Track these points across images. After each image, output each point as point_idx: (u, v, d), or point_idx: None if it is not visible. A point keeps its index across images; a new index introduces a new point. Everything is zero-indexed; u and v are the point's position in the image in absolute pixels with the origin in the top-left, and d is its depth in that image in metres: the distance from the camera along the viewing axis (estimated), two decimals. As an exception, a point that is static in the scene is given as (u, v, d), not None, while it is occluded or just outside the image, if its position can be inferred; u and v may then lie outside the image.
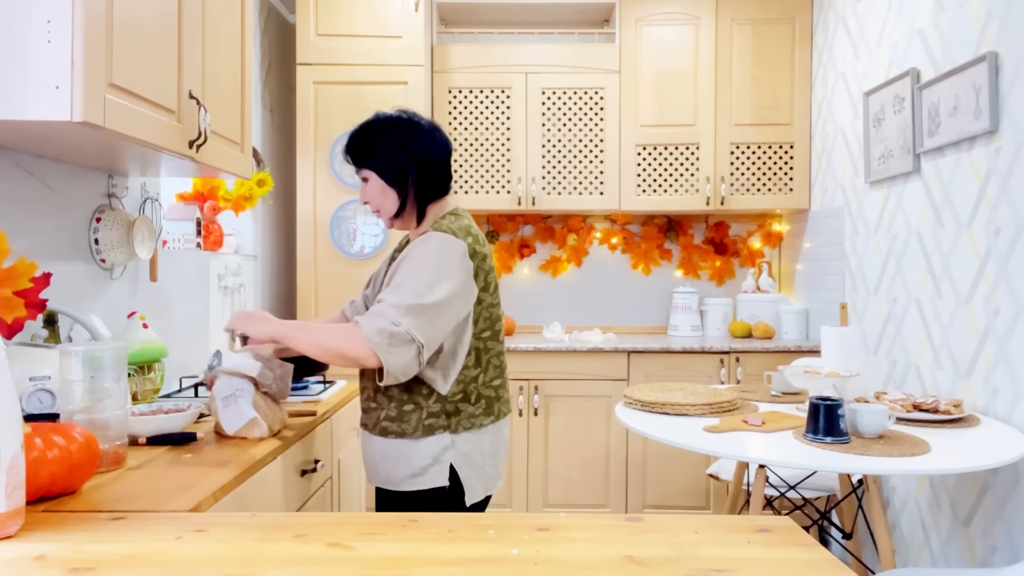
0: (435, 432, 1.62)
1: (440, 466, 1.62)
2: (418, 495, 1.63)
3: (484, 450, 1.68)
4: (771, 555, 0.99)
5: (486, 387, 1.68)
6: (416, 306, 1.51)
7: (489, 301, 1.68)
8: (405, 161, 1.68)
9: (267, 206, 3.39)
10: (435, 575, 0.91)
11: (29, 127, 1.38)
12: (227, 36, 2.04)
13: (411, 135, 1.69)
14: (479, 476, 1.67)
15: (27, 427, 1.15)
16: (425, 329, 1.51)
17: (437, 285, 1.54)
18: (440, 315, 1.54)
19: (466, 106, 3.65)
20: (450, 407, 1.63)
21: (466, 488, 1.64)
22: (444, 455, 1.62)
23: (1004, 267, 2.15)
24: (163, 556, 0.96)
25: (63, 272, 1.89)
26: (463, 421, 1.64)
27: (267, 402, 1.63)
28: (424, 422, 1.62)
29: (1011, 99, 2.11)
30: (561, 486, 3.43)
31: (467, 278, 1.60)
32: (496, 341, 1.70)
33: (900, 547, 2.69)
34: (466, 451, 1.64)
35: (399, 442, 1.63)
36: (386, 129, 1.70)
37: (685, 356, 3.40)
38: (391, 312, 1.50)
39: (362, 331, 1.48)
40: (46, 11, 1.30)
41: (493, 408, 1.69)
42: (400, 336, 1.49)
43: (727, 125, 3.64)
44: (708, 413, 2.15)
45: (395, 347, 1.49)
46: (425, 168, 1.69)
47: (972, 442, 1.90)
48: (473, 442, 1.65)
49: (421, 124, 1.72)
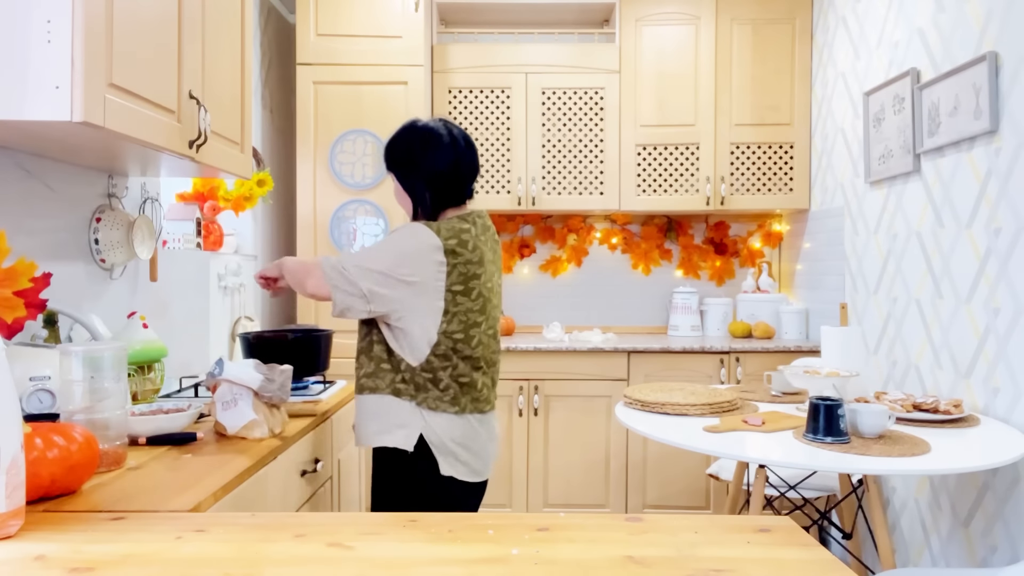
0: (402, 396, 1.78)
1: (407, 431, 1.77)
2: (387, 453, 1.79)
3: (454, 436, 1.79)
4: (771, 555, 0.99)
5: (453, 378, 1.79)
6: (366, 263, 1.74)
7: (467, 306, 1.78)
8: (415, 172, 1.84)
9: (267, 206, 3.39)
10: (435, 575, 0.91)
11: (29, 127, 1.38)
12: (227, 36, 2.04)
13: (425, 148, 1.84)
14: (448, 454, 1.78)
15: (27, 427, 1.15)
16: (370, 285, 1.72)
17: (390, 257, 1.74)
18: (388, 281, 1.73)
19: (466, 106, 3.65)
20: (419, 380, 1.77)
21: (438, 457, 1.77)
22: (413, 422, 1.77)
23: (1004, 267, 2.15)
24: (163, 556, 0.96)
25: (63, 272, 1.89)
26: (429, 400, 1.77)
27: (267, 407, 1.64)
28: (395, 384, 1.78)
29: (1011, 99, 2.11)
30: (561, 486, 3.43)
31: (427, 266, 1.74)
32: (467, 344, 1.79)
33: (900, 547, 2.69)
34: (437, 431, 1.77)
35: (372, 397, 1.80)
36: (405, 139, 1.86)
37: (685, 356, 3.40)
38: (344, 257, 1.77)
39: (321, 265, 1.76)
40: (46, 11, 1.30)
41: (459, 400, 1.79)
42: (346, 277, 1.73)
43: (727, 125, 3.64)
44: (708, 413, 2.15)
45: (343, 285, 1.73)
46: (435, 180, 1.84)
47: (972, 442, 1.90)
48: (441, 424, 1.78)
49: (440, 137, 1.84)
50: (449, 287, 1.75)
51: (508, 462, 3.43)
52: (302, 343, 2.12)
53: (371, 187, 3.32)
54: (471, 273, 1.77)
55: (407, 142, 1.86)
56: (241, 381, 1.60)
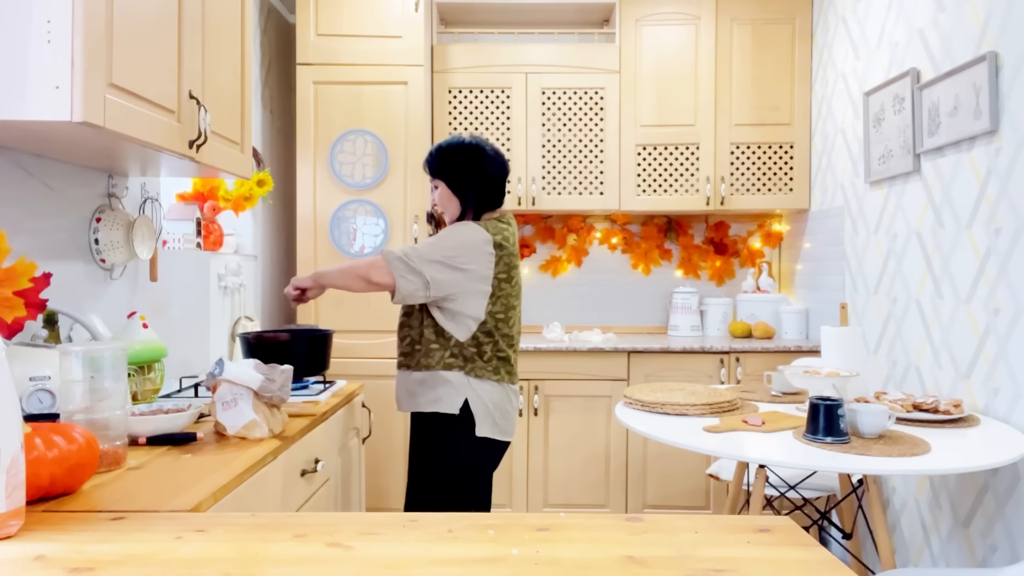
0: (453, 369, 2.10)
1: (456, 397, 2.09)
2: (436, 417, 2.11)
3: (494, 400, 2.13)
4: (771, 555, 0.99)
5: (495, 353, 2.12)
6: (427, 255, 2.04)
7: (508, 291, 2.14)
8: (470, 180, 2.18)
9: (267, 206, 3.39)
10: (435, 575, 0.91)
11: (29, 127, 1.38)
12: (227, 36, 2.04)
13: (477, 160, 2.18)
14: (488, 417, 2.12)
15: (27, 427, 1.15)
16: (432, 272, 2.03)
17: (448, 249, 2.06)
18: (446, 269, 2.04)
19: (466, 106, 3.65)
20: (467, 352, 2.10)
21: (477, 420, 2.10)
22: (460, 389, 2.09)
23: (1004, 267, 2.15)
24: (163, 556, 0.96)
25: (63, 272, 1.89)
26: (476, 369, 2.11)
27: (267, 407, 1.64)
28: (445, 360, 2.10)
29: (1011, 99, 2.11)
30: (561, 486, 3.43)
31: (480, 257, 2.07)
32: (506, 324, 2.15)
33: (900, 547, 2.69)
34: (479, 393, 2.11)
35: (423, 373, 2.12)
36: (460, 151, 2.19)
37: (685, 356, 3.40)
38: (408, 250, 2.06)
39: (384, 258, 2.04)
40: (46, 11, 1.30)
41: (500, 370, 2.14)
42: (411, 267, 2.02)
43: (727, 125, 3.64)
44: (708, 413, 2.15)
45: (407, 274, 2.02)
46: (484, 187, 2.19)
47: (972, 442, 1.90)
48: (485, 390, 2.11)
49: (487, 151, 2.20)
50: (496, 275, 2.11)
51: (508, 462, 3.43)
52: (302, 343, 2.12)
53: (371, 187, 3.32)
54: (512, 264, 2.15)
55: (459, 154, 2.18)
56: (241, 381, 1.60)
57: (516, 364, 2.21)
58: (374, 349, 3.28)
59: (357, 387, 2.38)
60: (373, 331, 3.29)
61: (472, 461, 2.14)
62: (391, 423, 3.28)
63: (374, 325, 3.28)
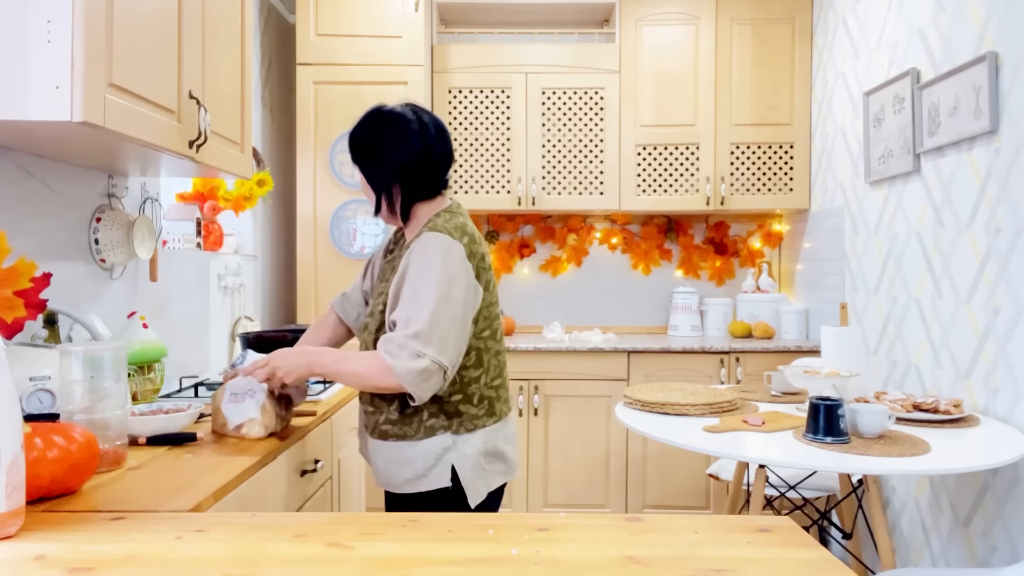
0: (436, 433, 1.60)
1: (441, 467, 1.60)
2: (421, 497, 1.62)
3: (487, 451, 1.65)
4: (771, 555, 0.99)
5: (487, 388, 1.65)
6: (435, 330, 1.51)
7: (488, 300, 1.65)
8: (379, 163, 1.65)
9: (267, 206, 3.39)
10: (435, 575, 0.91)
11: (29, 127, 1.38)
12: (227, 36, 2.04)
13: (391, 135, 1.64)
14: (481, 476, 1.63)
15: (27, 427, 1.15)
16: (449, 351, 1.53)
17: (448, 298, 1.53)
18: (456, 328, 1.55)
19: (466, 106, 3.65)
20: (450, 408, 1.61)
21: (467, 490, 1.61)
22: (445, 456, 1.60)
23: (1004, 267, 2.15)
24: (163, 556, 0.96)
25: (63, 272, 1.89)
26: (465, 423, 1.62)
27: (278, 406, 1.63)
28: (425, 423, 1.60)
29: (1011, 99, 2.11)
30: (561, 486, 3.43)
31: (470, 280, 1.59)
32: (495, 340, 1.68)
33: (900, 547, 2.69)
34: (468, 453, 1.62)
35: (400, 444, 1.62)
36: (369, 127, 1.66)
37: (685, 356, 3.40)
38: (414, 344, 1.50)
39: (395, 372, 1.49)
40: (46, 11, 1.30)
41: (495, 408, 1.67)
42: (429, 370, 1.50)
43: (727, 125, 3.64)
44: (708, 413, 2.15)
45: (425, 381, 1.50)
46: (403, 171, 1.64)
47: (972, 442, 1.90)
48: (474, 443, 1.62)
49: (408, 122, 1.64)
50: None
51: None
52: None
53: (371, 187, 3.31)
54: (484, 266, 1.65)
55: (370, 129, 1.66)
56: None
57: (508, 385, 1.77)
58: (374, 349, 3.28)
59: (357, 387, 2.37)
60: (373, 331, 3.28)
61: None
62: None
63: (374, 325, 3.28)
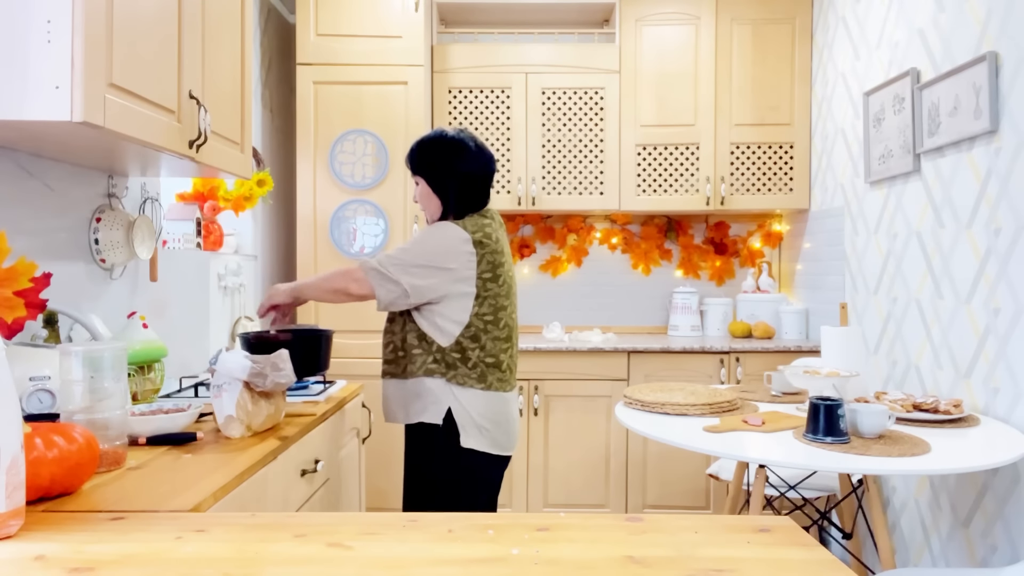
0: (434, 375, 1.98)
1: (437, 406, 1.98)
2: (422, 428, 2.01)
3: (480, 410, 1.99)
4: (771, 555, 0.99)
5: (481, 360, 1.99)
6: (403, 260, 1.95)
7: (495, 291, 2.01)
8: (450, 177, 2.04)
9: (267, 206, 3.39)
10: (435, 575, 0.91)
11: (29, 127, 1.38)
12: (227, 36, 2.04)
13: (460, 156, 2.04)
14: (473, 427, 1.98)
15: (27, 427, 1.15)
16: (410, 280, 1.94)
17: (424, 253, 1.95)
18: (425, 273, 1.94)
19: (466, 106, 3.65)
20: (449, 359, 1.98)
21: (461, 431, 1.97)
22: (442, 397, 1.98)
23: (1004, 267, 2.15)
24: (163, 556, 0.96)
25: (63, 272, 1.89)
26: (458, 376, 1.98)
27: (257, 401, 1.62)
28: (427, 365, 1.98)
29: (1011, 99, 2.11)
30: (561, 486, 3.43)
31: (459, 256, 1.96)
32: (495, 326, 2.02)
33: (900, 547, 2.69)
34: (463, 402, 1.98)
35: (405, 381, 2.02)
36: (442, 147, 2.05)
37: (685, 356, 3.40)
38: (383, 259, 1.96)
39: (361, 267, 1.96)
40: (46, 11, 1.30)
41: (486, 377, 2.00)
42: (386, 275, 1.94)
43: (727, 125, 3.64)
44: (708, 413, 2.15)
45: (383, 283, 1.94)
46: (466, 186, 2.05)
47: (972, 442, 1.90)
48: (468, 398, 1.98)
49: (470, 147, 2.06)
50: (480, 274, 1.98)
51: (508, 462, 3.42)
52: (302, 343, 2.12)
53: (371, 187, 3.32)
54: (497, 262, 2.01)
55: (440, 149, 2.05)
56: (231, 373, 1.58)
57: (513, 369, 2.08)
58: (374, 349, 3.28)
59: (357, 387, 2.38)
60: (373, 331, 3.28)
61: (464, 473, 2.00)
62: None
63: (374, 325, 3.28)
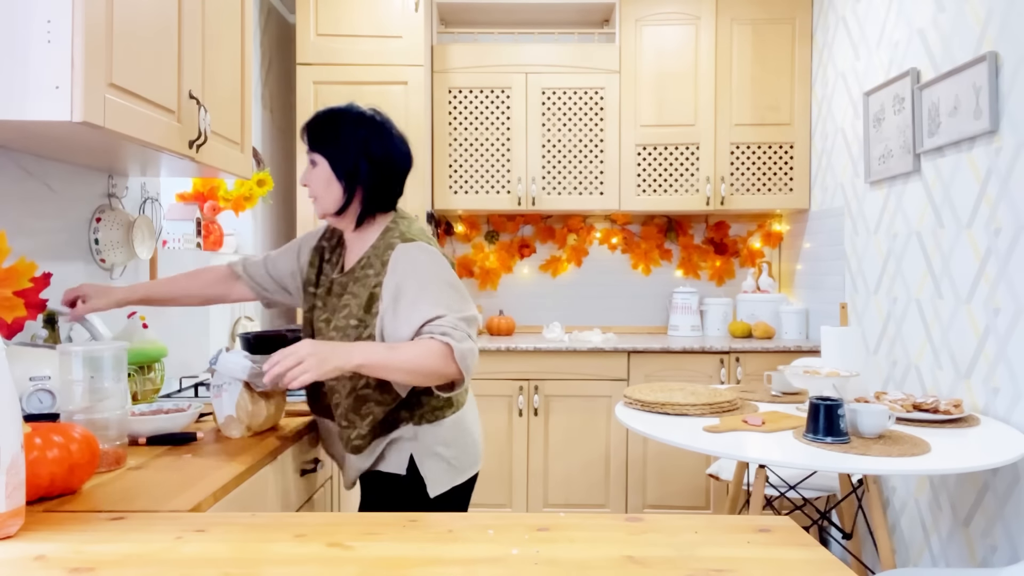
0: (400, 425, 1.63)
1: (399, 456, 1.63)
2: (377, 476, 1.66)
3: (448, 441, 1.65)
4: (771, 555, 0.99)
5: None
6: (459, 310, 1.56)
7: None
8: (363, 161, 1.61)
9: (267, 206, 3.39)
10: (435, 575, 0.91)
11: (29, 127, 1.38)
12: (227, 36, 2.04)
13: (378, 137, 1.62)
14: (442, 468, 1.65)
15: (27, 427, 1.15)
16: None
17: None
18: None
19: (466, 106, 3.65)
20: (412, 400, 1.62)
21: (427, 481, 1.63)
22: (404, 445, 1.63)
23: (1004, 267, 2.15)
24: (163, 556, 0.96)
25: (63, 272, 1.89)
26: (426, 414, 1.63)
27: (257, 401, 1.61)
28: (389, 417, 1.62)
29: (1011, 99, 2.11)
30: (561, 486, 3.43)
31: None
32: None
33: (900, 547, 2.69)
34: (428, 443, 1.63)
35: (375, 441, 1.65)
36: (355, 122, 1.62)
37: (685, 356, 3.40)
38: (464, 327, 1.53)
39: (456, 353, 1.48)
40: (46, 11, 1.30)
41: (453, 399, 1.68)
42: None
43: (727, 125, 3.64)
44: (708, 413, 2.15)
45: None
46: (381, 175, 1.63)
47: (972, 442, 1.90)
48: (434, 434, 1.64)
49: (391, 130, 1.66)
50: None
51: (508, 462, 3.43)
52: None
53: (371, 187, 3.31)
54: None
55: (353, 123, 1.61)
56: (231, 373, 1.58)
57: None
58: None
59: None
60: (373, 331, 3.28)
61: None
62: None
63: (374, 325, 3.28)
